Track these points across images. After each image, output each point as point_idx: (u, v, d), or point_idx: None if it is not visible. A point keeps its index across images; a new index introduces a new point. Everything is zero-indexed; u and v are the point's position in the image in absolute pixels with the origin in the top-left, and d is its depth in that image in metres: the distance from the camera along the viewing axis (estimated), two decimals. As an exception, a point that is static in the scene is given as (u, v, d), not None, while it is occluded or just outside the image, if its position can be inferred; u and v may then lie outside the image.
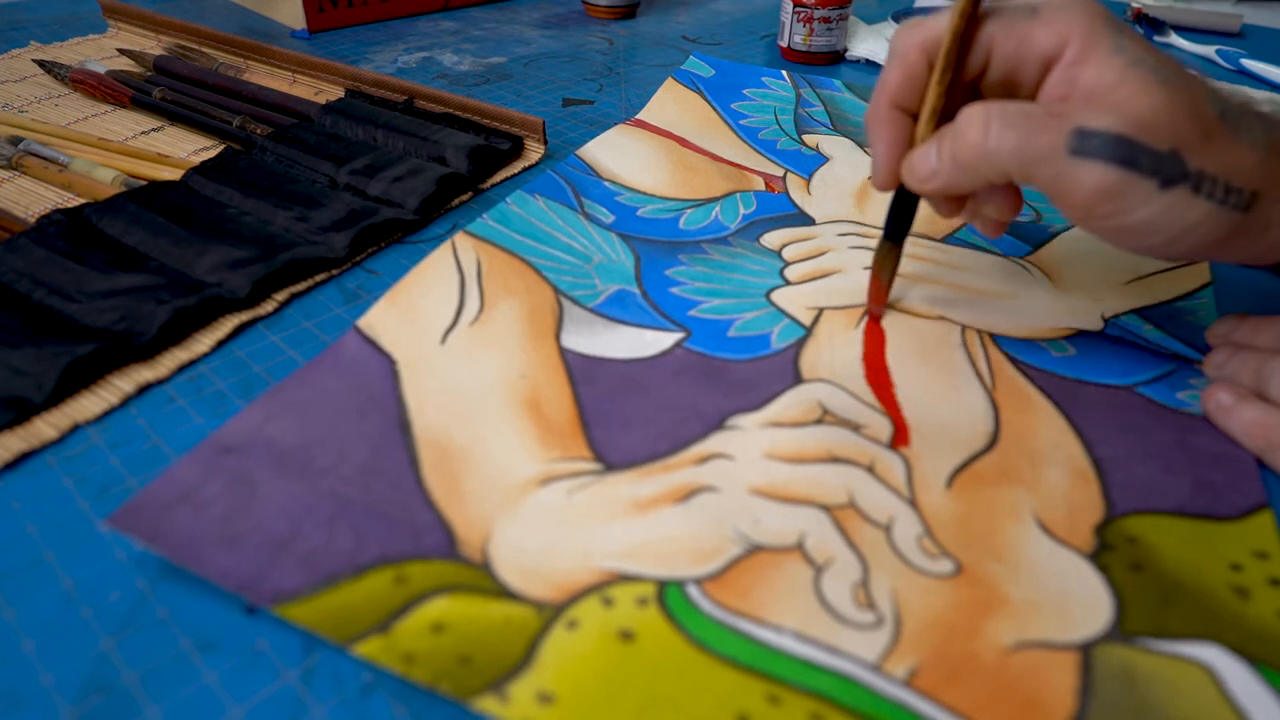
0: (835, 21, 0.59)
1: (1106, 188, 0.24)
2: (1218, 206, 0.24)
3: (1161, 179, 0.24)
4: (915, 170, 0.28)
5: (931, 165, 0.27)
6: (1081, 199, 0.25)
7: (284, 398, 0.27)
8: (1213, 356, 0.29)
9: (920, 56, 0.28)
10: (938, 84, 0.27)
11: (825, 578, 0.22)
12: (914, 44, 0.28)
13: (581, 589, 0.22)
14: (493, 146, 0.43)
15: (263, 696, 0.19)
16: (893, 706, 0.19)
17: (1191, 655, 0.21)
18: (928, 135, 0.28)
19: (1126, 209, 0.24)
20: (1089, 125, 0.24)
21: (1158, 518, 0.24)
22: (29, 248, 0.32)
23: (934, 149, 0.27)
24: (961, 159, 0.26)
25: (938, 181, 0.27)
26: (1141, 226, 0.25)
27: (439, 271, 0.33)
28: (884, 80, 0.29)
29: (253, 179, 0.39)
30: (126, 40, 0.59)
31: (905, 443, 0.27)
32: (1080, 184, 0.24)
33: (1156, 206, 0.24)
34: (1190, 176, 0.24)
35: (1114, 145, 0.24)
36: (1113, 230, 0.26)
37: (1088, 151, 0.24)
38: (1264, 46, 0.68)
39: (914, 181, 0.28)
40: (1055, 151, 0.24)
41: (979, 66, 0.27)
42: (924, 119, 0.28)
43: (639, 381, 0.29)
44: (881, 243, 0.31)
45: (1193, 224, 0.24)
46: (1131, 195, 0.24)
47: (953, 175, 0.27)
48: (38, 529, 0.23)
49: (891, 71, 0.28)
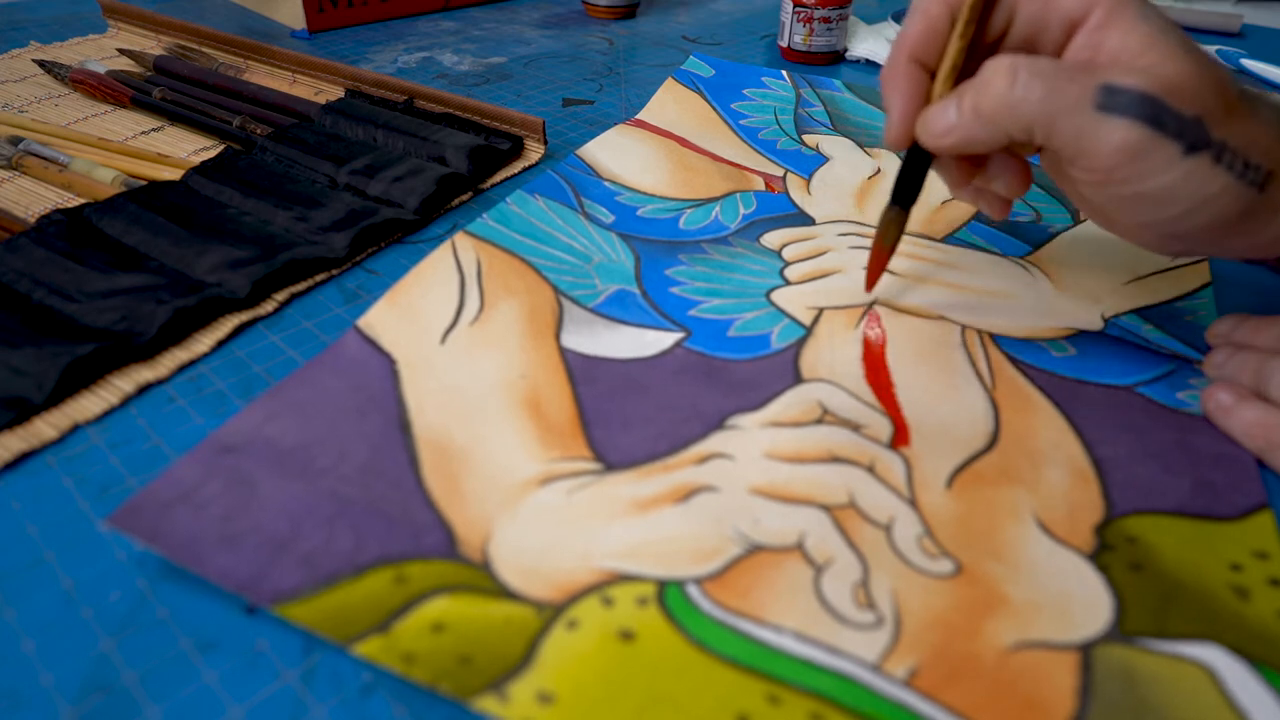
0: (835, 21, 0.59)
1: (1131, 146, 0.24)
2: (1236, 180, 0.24)
3: (1186, 143, 0.23)
4: (931, 125, 0.27)
5: (950, 119, 0.27)
6: (1104, 158, 0.24)
7: (284, 397, 0.27)
8: (1213, 356, 0.29)
9: (943, 10, 0.27)
10: (960, 38, 0.27)
11: (825, 578, 0.22)
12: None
13: (581, 589, 0.22)
14: (493, 146, 0.43)
15: (263, 696, 0.19)
16: (893, 706, 0.19)
17: (1191, 655, 0.21)
18: (945, 92, 0.27)
19: (1147, 172, 0.24)
20: (1117, 82, 0.24)
21: (1158, 518, 0.24)
22: (29, 248, 0.32)
23: (953, 103, 0.27)
24: (984, 110, 0.25)
25: (954, 136, 0.27)
26: (1160, 193, 0.24)
27: (439, 271, 0.33)
28: (904, 34, 0.28)
29: (253, 179, 0.39)
30: (126, 40, 0.59)
31: (905, 443, 0.27)
32: (1105, 141, 0.24)
33: (1177, 172, 0.24)
34: (1213, 145, 0.23)
35: (1141, 103, 0.23)
36: (1130, 198, 0.25)
37: (1114, 108, 0.24)
38: (1264, 46, 0.68)
39: (929, 137, 0.27)
40: (1081, 105, 0.24)
41: (1001, 27, 0.27)
42: (943, 75, 0.28)
43: (639, 381, 0.29)
44: (888, 208, 0.31)
45: (1211, 195, 0.24)
46: (1154, 157, 0.24)
47: (972, 128, 0.26)
48: (38, 529, 0.23)
49: (912, 25, 0.28)
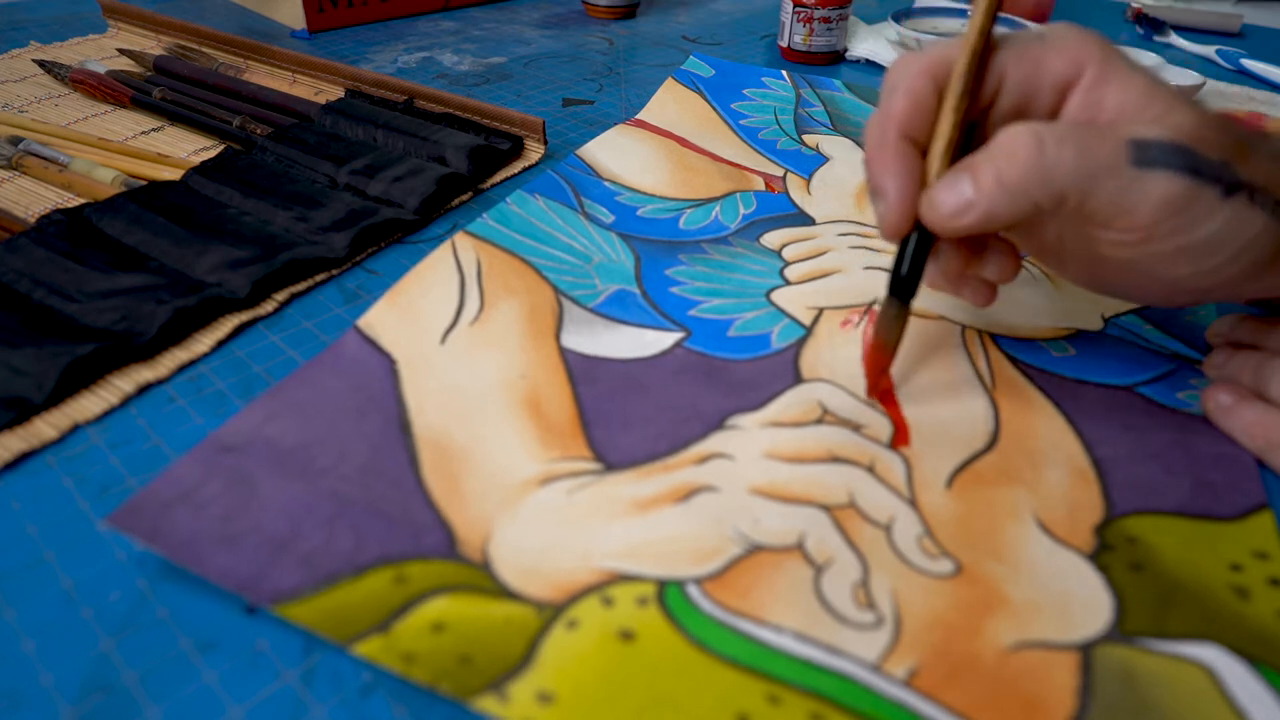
0: (835, 21, 0.59)
1: (1175, 198, 0.22)
2: (1270, 217, 0.23)
3: (1224, 187, 0.22)
4: (942, 205, 0.25)
5: (966, 196, 0.24)
6: (1146, 214, 0.23)
7: (284, 397, 0.27)
8: (1213, 356, 0.29)
9: (928, 84, 0.25)
10: (954, 111, 0.25)
11: (825, 578, 0.22)
12: (919, 71, 0.25)
13: (581, 589, 0.22)
14: (493, 146, 0.43)
15: (263, 696, 0.19)
16: (893, 706, 0.19)
17: (1191, 655, 0.21)
18: (943, 170, 0.25)
19: (1192, 222, 0.23)
20: (1145, 136, 0.23)
21: (1158, 518, 0.24)
22: (29, 248, 0.32)
23: (966, 177, 0.24)
24: (1011, 181, 0.23)
25: (975, 213, 0.24)
26: (1205, 242, 0.23)
27: (439, 271, 0.33)
28: (888, 112, 0.26)
29: (253, 179, 0.39)
30: (126, 40, 0.59)
31: (905, 443, 0.27)
32: (1146, 197, 0.23)
33: (1220, 219, 0.23)
34: (1244, 186, 0.23)
35: (1175, 153, 0.22)
36: (1169, 254, 0.24)
37: (1149, 161, 0.22)
38: (1264, 46, 0.68)
39: (939, 218, 0.25)
40: (1117, 163, 0.23)
41: (990, 95, 0.26)
42: (938, 151, 0.25)
43: (639, 381, 0.29)
44: (887, 303, 0.27)
45: (1252, 238, 0.23)
46: (1198, 206, 0.23)
47: (995, 202, 0.24)
48: (38, 529, 0.23)
49: (896, 103, 0.26)
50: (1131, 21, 0.75)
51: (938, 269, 0.27)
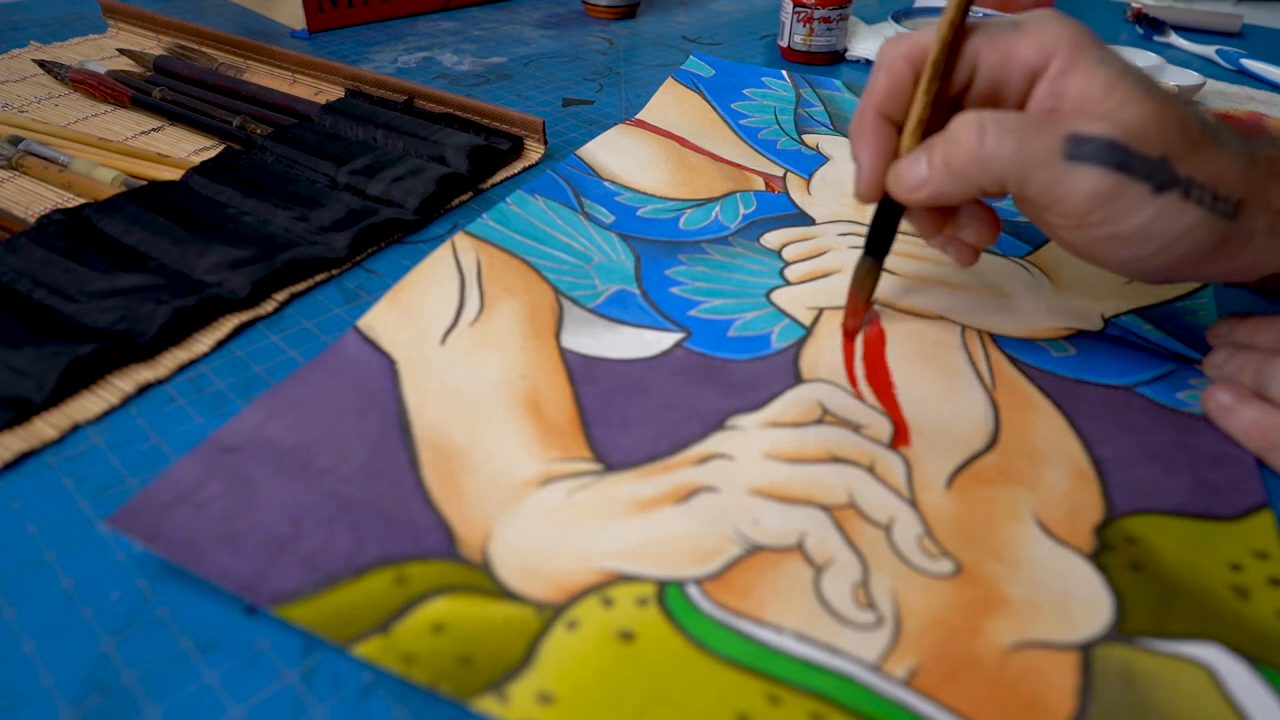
0: (835, 21, 0.59)
1: (1101, 192, 0.24)
2: (1207, 213, 0.24)
3: (1154, 184, 0.24)
4: (903, 179, 0.28)
5: (921, 174, 0.27)
6: (1076, 205, 0.25)
7: (284, 397, 0.27)
8: (1213, 356, 0.29)
9: (906, 67, 0.28)
10: (924, 94, 0.27)
11: (825, 578, 0.22)
12: (899, 55, 0.28)
13: (581, 589, 0.22)
14: (493, 146, 0.43)
15: (263, 697, 0.19)
16: (893, 706, 0.19)
17: (1191, 655, 0.21)
18: (913, 146, 0.28)
19: (1120, 215, 0.24)
20: (1082, 131, 0.24)
21: (1158, 518, 0.24)
22: (29, 248, 0.32)
23: (923, 157, 0.27)
24: (955, 165, 0.26)
25: (927, 190, 0.27)
26: (1134, 234, 0.25)
27: (439, 271, 0.33)
28: (870, 90, 0.29)
29: (253, 179, 0.39)
30: (126, 40, 0.59)
31: (905, 443, 0.27)
32: (1075, 189, 0.24)
33: (1149, 212, 0.24)
34: (1181, 182, 0.24)
35: (1108, 150, 0.24)
36: (1104, 240, 0.25)
37: (1082, 156, 0.24)
38: (1264, 46, 0.68)
39: (901, 190, 0.28)
40: (1050, 156, 0.24)
41: (964, 80, 0.27)
42: (909, 129, 0.28)
43: (639, 381, 0.29)
44: (862, 259, 0.31)
45: (1184, 231, 0.24)
46: (1125, 200, 0.24)
47: (944, 183, 0.27)
48: (38, 529, 0.23)
49: (877, 82, 0.28)
50: (1131, 21, 0.75)
51: (917, 229, 0.31)
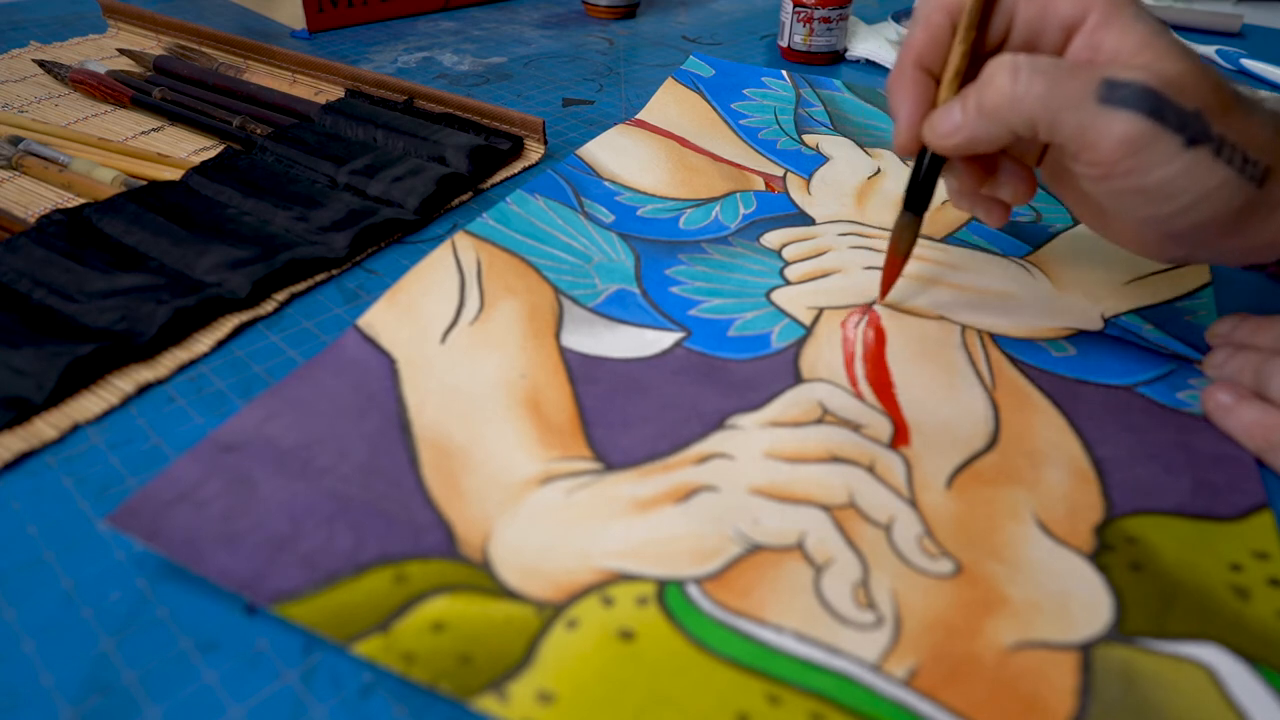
0: (835, 21, 0.59)
1: (1133, 138, 0.24)
2: (1236, 174, 0.24)
3: (1187, 136, 0.24)
4: (937, 127, 0.28)
5: (955, 120, 0.27)
6: (1107, 150, 0.24)
7: (284, 397, 0.27)
8: (1213, 356, 0.29)
9: (944, 18, 0.28)
10: (961, 43, 0.28)
11: (825, 578, 0.22)
12: (937, 6, 0.28)
13: (581, 588, 0.22)
14: (493, 146, 0.43)
15: (263, 696, 0.19)
16: (893, 706, 0.19)
17: (1191, 655, 0.20)
18: (950, 96, 0.28)
19: (1149, 165, 0.24)
20: (1119, 76, 0.24)
21: (1158, 518, 0.24)
22: (29, 248, 0.32)
23: (958, 104, 0.27)
24: (988, 107, 0.26)
25: (961, 135, 0.27)
26: (1159, 187, 0.25)
27: (439, 271, 0.33)
28: (908, 42, 0.29)
29: (253, 179, 0.39)
30: (126, 40, 0.59)
31: (905, 443, 0.27)
32: (1107, 133, 0.24)
33: (1178, 165, 0.24)
34: (1214, 138, 0.24)
35: (1143, 96, 0.24)
36: (1131, 192, 0.25)
37: (1116, 100, 0.24)
38: (1264, 46, 0.68)
39: (936, 138, 0.28)
40: (1084, 98, 0.24)
41: (1001, 32, 0.28)
42: (947, 80, 0.28)
43: (639, 381, 0.29)
44: (901, 214, 0.31)
45: (1212, 189, 0.24)
46: (1155, 149, 0.24)
47: (977, 127, 0.27)
48: (38, 529, 0.23)
49: (915, 33, 0.29)
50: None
51: (953, 186, 0.31)
